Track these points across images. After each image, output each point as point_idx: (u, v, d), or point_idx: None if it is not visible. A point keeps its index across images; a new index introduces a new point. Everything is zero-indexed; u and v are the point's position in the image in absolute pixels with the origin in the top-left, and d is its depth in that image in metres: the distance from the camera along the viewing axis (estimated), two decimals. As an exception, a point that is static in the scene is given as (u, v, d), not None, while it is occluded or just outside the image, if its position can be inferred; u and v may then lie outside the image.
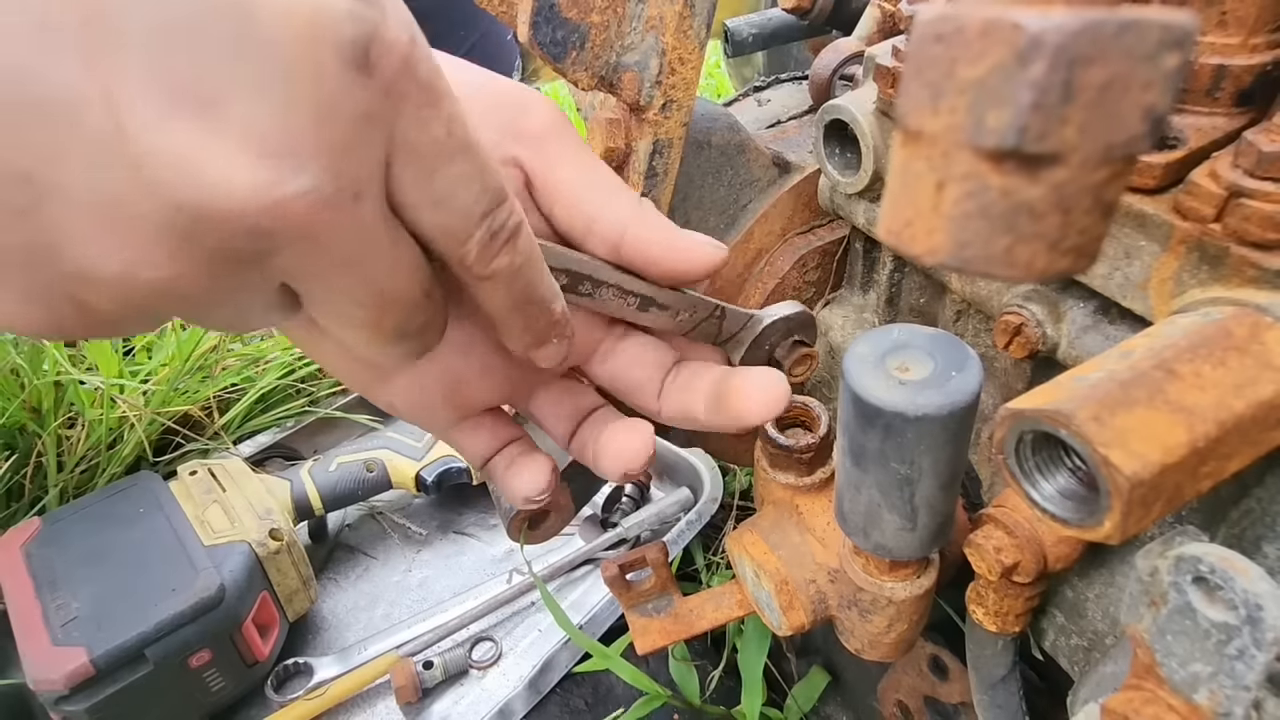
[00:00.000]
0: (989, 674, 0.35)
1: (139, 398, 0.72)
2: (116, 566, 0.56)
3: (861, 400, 0.24)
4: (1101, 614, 0.32)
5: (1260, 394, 0.21)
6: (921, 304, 0.41)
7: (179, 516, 0.60)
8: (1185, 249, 0.25)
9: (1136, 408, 0.21)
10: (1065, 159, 0.11)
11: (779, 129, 0.49)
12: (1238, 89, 0.25)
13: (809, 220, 0.45)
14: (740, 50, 0.55)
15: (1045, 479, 0.23)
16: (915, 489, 0.25)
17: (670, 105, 0.35)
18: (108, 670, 0.51)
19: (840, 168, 0.39)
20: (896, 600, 0.30)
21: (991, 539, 0.30)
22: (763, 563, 0.34)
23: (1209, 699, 0.21)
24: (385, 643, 0.63)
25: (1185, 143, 0.26)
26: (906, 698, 0.50)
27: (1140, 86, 0.11)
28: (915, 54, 0.12)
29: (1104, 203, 0.12)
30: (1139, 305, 0.27)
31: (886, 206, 0.14)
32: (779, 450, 0.34)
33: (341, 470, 0.69)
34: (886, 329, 0.25)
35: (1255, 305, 0.23)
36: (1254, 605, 0.19)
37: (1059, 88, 0.11)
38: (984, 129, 0.11)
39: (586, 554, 0.68)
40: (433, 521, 0.76)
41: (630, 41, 0.34)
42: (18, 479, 0.68)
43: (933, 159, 0.12)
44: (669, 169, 0.37)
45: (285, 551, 0.60)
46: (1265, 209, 0.22)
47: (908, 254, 0.13)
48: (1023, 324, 0.31)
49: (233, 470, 0.66)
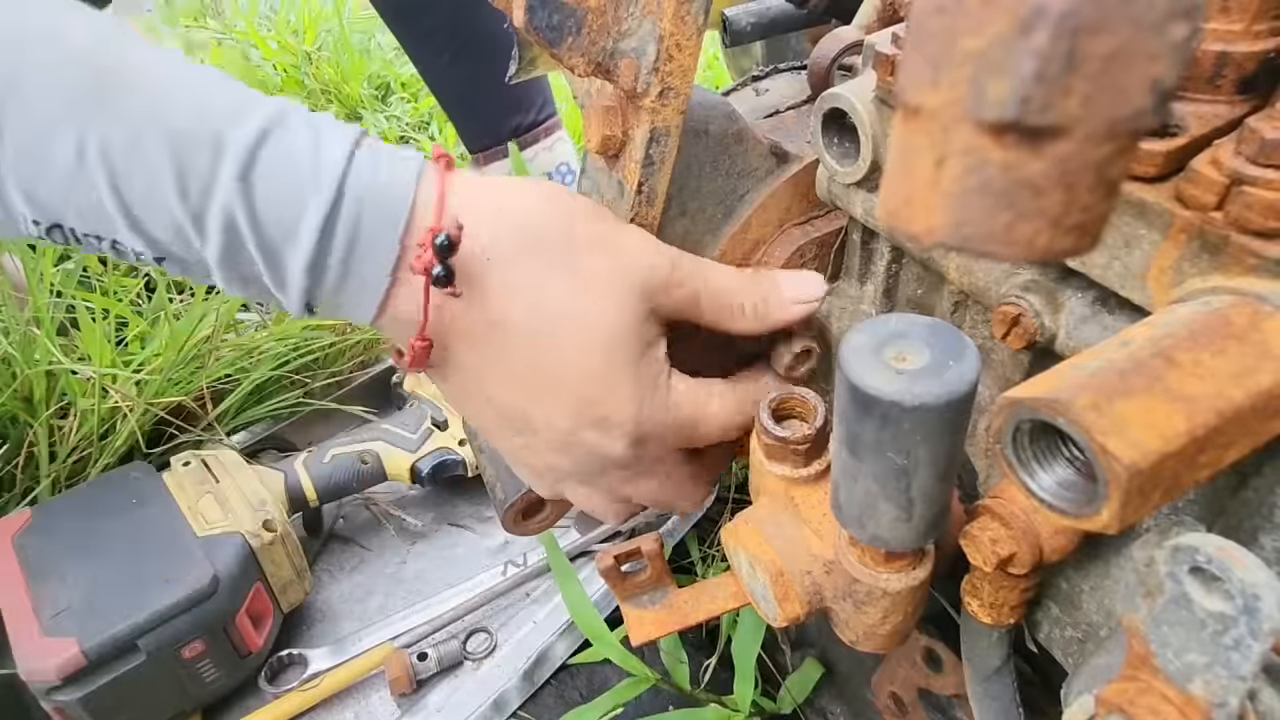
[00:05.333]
0: (983, 666, 0.35)
1: (132, 388, 0.71)
2: (109, 557, 0.56)
3: (858, 390, 0.23)
4: (1096, 606, 0.32)
5: (1260, 383, 0.21)
6: (919, 295, 0.41)
7: (172, 507, 0.60)
8: (1186, 238, 0.25)
9: (1135, 396, 0.20)
10: (1068, 132, 0.11)
11: (777, 119, 0.48)
12: (1240, 76, 0.25)
13: (806, 211, 0.44)
14: (739, 40, 0.54)
15: (1043, 469, 0.23)
16: (912, 480, 0.25)
17: (668, 92, 0.35)
18: (100, 661, 0.51)
19: (838, 157, 0.38)
20: (892, 592, 0.30)
21: (987, 530, 0.30)
22: (758, 554, 0.34)
23: (1204, 689, 0.21)
24: (380, 634, 0.63)
25: (1186, 130, 0.25)
26: (901, 689, 0.50)
27: (1147, 58, 0.11)
28: (916, 27, 0.12)
29: (1108, 179, 0.12)
30: (1138, 295, 0.27)
31: (885, 186, 0.13)
32: (775, 441, 0.34)
33: (336, 462, 0.69)
34: (884, 318, 0.25)
35: (1255, 294, 0.23)
36: (1251, 595, 0.19)
37: (1062, 58, 0.10)
38: (985, 101, 0.11)
39: (581, 546, 0.68)
40: (428, 513, 0.75)
41: (627, 27, 0.33)
42: (9, 469, 0.67)
43: (933, 134, 0.12)
44: (666, 157, 0.37)
45: (279, 542, 0.60)
46: (1267, 196, 0.22)
47: (906, 233, 0.13)
48: (1020, 314, 0.31)
49: (226, 461, 0.65)
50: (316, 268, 0.31)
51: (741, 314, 0.37)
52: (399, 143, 1.41)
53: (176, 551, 0.56)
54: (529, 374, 0.34)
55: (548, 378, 0.34)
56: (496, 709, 0.58)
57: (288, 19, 1.69)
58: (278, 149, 0.30)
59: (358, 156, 0.31)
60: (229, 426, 0.76)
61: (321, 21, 1.65)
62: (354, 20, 1.71)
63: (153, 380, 0.72)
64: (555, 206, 0.34)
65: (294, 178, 0.30)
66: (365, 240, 0.31)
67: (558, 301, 0.33)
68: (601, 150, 0.37)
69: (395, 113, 1.48)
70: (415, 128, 1.45)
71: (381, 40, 1.68)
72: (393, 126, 1.43)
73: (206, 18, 1.92)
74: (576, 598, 0.60)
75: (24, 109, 0.28)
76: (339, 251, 0.31)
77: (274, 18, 1.71)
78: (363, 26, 1.73)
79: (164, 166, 0.29)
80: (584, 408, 0.34)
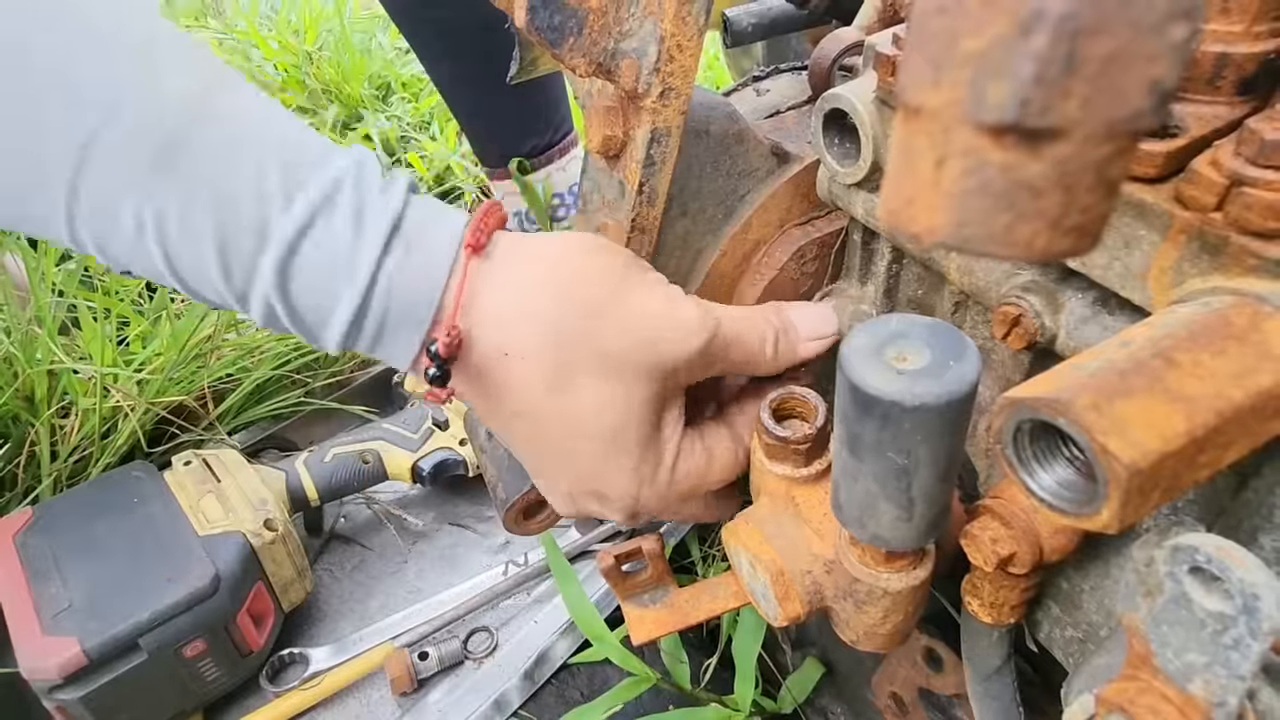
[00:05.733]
0: (984, 666, 0.35)
1: (133, 387, 0.71)
2: (110, 556, 0.56)
3: (859, 390, 0.23)
4: (1096, 606, 0.32)
5: (1259, 383, 0.21)
6: (920, 295, 0.41)
7: (173, 506, 0.60)
8: (1186, 238, 0.25)
9: (1135, 396, 0.20)
10: (1067, 134, 0.11)
11: (778, 119, 0.48)
12: (1240, 77, 0.25)
13: (807, 211, 0.44)
14: (739, 40, 0.54)
15: (1043, 468, 0.23)
16: (912, 479, 0.25)
17: (669, 93, 0.35)
18: (101, 660, 0.51)
19: (839, 158, 0.38)
20: (892, 591, 0.30)
21: (988, 530, 0.30)
22: (759, 553, 0.34)
23: (1203, 689, 0.21)
24: (381, 633, 0.63)
25: (1186, 131, 0.25)
26: (901, 689, 0.50)
27: (1146, 59, 0.11)
28: (917, 27, 0.12)
29: (1107, 180, 0.12)
30: (1138, 296, 0.27)
31: (887, 186, 0.14)
32: (776, 441, 0.34)
33: (337, 461, 0.69)
34: (884, 318, 0.25)
35: (1255, 295, 0.23)
36: (1250, 595, 0.19)
37: (1061, 60, 0.10)
38: (984, 103, 0.11)
39: (582, 546, 0.68)
40: (429, 513, 0.75)
41: (629, 28, 0.33)
42: (10, 468, 0.68)
43: (933, 135, 0.12)
44: (667, 158, 0.37)
45: (280, 542, 0.60)
46: (1266, 197, 0.22)
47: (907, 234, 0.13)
48: (1021, 315, 0.31)
49: (227, 460, 0.65)
50: (349, 341, 0.34)
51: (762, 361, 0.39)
52: (399, 143, 1.41)
53: (178, 551, 0.56)
54: (537, 448, 0.37)
55: (553, 455, 0.36)
56: (497, 708, 0.58)
57: (288, 19, 1.69)
58: (319, 241, 0.31)
59: (393, 251, 0.32)
60: (230, 426, 0.76)
61: (322, 21, 1.66)
62: (355, 20, 1.71)
63: (154, 379, 0.72)
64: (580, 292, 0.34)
65: (329, 273, 0.32)
66: (390, 333, 0.34)
67: (571, 397, 0.34)
68: (603, 150, 0.37)
69: (396, 113, 1.48)
70: (416, 128, 1.46)
71: (383, 40, 1.68)
72: (393, 126, 1.43)
73: (207, 17, 1.92)
74: (576, 598, 0.60)
75: (100, 171, 0.30)
76: (367, 339, 0.34)
77: (275, 17, 1.72)
78: (364, 26, 1.73)
79: (210, 248, 0.31)
80: (584, 482, 0.37)
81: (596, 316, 0.34)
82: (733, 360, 0.37)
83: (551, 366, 0.33)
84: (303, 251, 0.31)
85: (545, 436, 0.36)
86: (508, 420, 0.36)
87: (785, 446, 0.34)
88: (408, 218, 0.33)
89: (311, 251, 0.31)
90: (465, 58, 0.94)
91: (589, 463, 0.36)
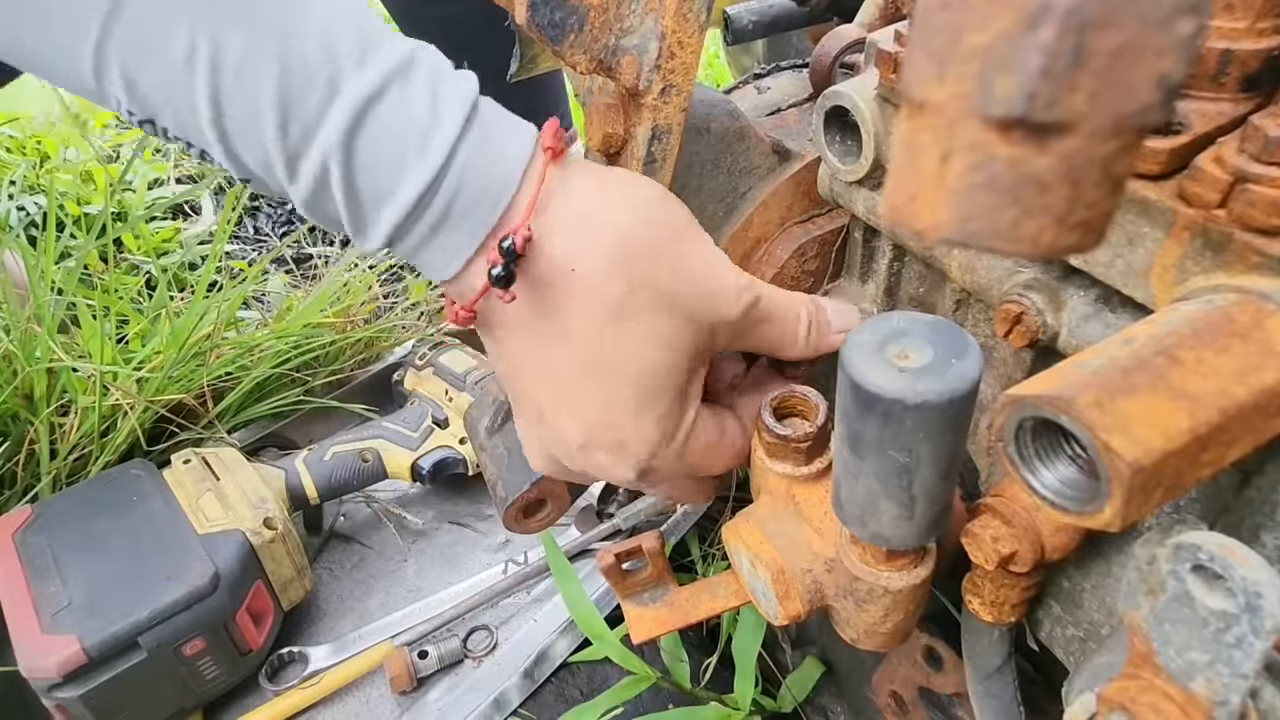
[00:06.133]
0: (984, 664, 0.35)
1: (133, 385, 0.71)
2: (109, 554, 0.56)
3: (860, 387, 0.23)
4: (1098, 604, 0.32)
5: (1262, 381, 0.21)
6: (921, 293, 0.41)
7: (173, 505, 0.60)
8: (1189, 235, 0.25)
9: (1138, 394, 0.20)
10: (1074, 128, 0.11)
11: (778, 116, 0.48)
12: (1244, 74, 0.25)
13: (808, 209, 0.44)
14: (740, 38, 0.54)
15: (1045, 466, 0.23)
16: (913, 477, 0.25)
17: (669, 90, 0.35)
18: (100, 658, 0.51)
19: (840, 155, 0.38)
20: (893, 590, 0.30)
21: (989, 528, 0.30)
22: (759, 552, 0.34)
23: (1206, 687, 0.21)
24: (380, 632, 0.63)
25: (1190, 128, 0.25)
26: (901, 688, 0.50)
27: (1153, 53, 0.11)
28: (921, 22, 0.12)
29: (1114, 176, 0.12)
30: (1141, 293, 0.27)
31: (890, 182, 0.13)
32: (776, 440, 0.34)
33: (336, 460, 0.69)
34: (886, 316, 0.25)
35: (1259, 292, 0.23)
36: (1253, 593, 0.19)
37: (1069, 53, 0.10)
38: (991, 97, 0.11)
39: (582, 545, 0.68)
40: (428, 511, 0.75)
41: (629, 24, 0.33)
42: (10, 466, 0.67)
43: (938, 130, 0.12)
44: (668, 155, 0.37)
45: (280, 540, 0.60)
46: (1270, 194, 0.22)
47: (911, 229, 0.13)
48: (1023, 312, 0.31)
49: (227, 459, 0.65)
50: (402, 230, 0.30)
51: (795, 342, 0.38)
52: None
53: (177, 549, 0.56)
54: (564, 382, 0.34)
55: (581, 392, 0.33)
56: (497, 707, 0.58)
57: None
58: (394, 106, 0.28)
59: (470, 134, 0.29)
60: (230, 424, 0.76)
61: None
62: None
63: (153, 378, 0.72)
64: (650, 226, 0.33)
65: (401, 144, 0.28)
66: (452, 224, 0.30)
67: (626, 329, 0.32)
68: (603, 148, 0.37)
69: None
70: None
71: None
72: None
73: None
74: (576, 596, 0.60)
75: None
76: (426, 224, 0.30)
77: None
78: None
79: (269, 97, 0.27)
80: (603, 431, 0.34)
81: (659, 257, 0.32)
82: (765, 336, 0.36)
83: (617, 294, 0.31)
84: (377, 115, 0.28)
85: (581, 368, 0.33)
86: (544, 343, 0.33)
87: (786, 445, 0.34)
88: (484, 106, 0.31)
89: (387, 115, 0.28)
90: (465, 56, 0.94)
91: (618, 407, 0.33)
